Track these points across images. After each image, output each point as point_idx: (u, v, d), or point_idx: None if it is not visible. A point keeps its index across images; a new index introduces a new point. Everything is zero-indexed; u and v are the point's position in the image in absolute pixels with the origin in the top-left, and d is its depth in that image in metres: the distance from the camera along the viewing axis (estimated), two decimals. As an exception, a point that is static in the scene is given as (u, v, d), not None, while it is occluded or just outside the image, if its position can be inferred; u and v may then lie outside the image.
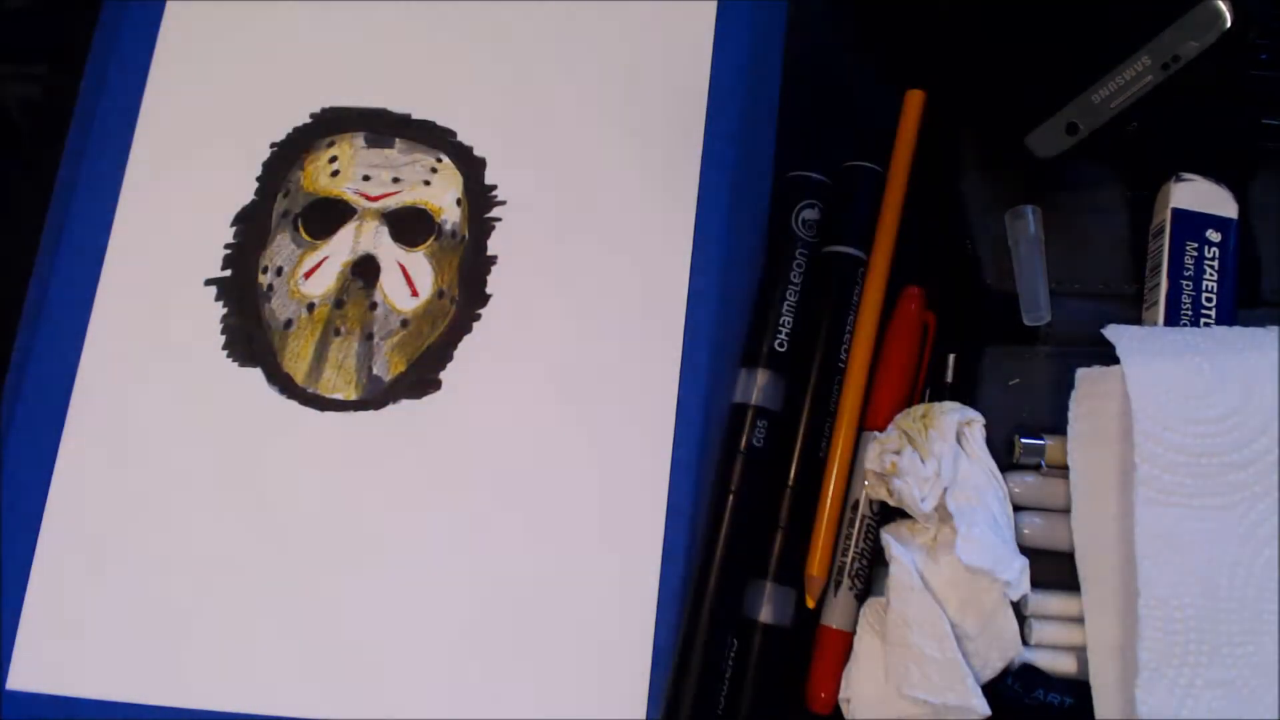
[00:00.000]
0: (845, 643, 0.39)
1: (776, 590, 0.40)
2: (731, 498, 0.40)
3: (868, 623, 0.39)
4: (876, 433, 0.40)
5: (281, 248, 0.45)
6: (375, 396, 0.43)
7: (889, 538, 0.38)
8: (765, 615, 0.40)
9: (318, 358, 0.44)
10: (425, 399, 0.43)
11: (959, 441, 0.38)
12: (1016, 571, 0.37)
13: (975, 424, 0.38)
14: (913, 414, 0.39)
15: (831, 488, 0.40)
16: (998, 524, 0.37)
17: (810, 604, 0.40)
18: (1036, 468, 0.39)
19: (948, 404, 0.39)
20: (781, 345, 0.42)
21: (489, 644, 0.40)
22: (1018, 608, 0.37)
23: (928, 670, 0.36)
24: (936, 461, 0.37)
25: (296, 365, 0.44)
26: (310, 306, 0.44)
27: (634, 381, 0.43)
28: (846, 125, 0.46)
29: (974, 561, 0.36)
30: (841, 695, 0.39)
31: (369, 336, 0.44)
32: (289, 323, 0.44)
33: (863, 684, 0.38)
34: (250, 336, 0.44)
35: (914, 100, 0.44)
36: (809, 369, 0.41)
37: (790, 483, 0.40)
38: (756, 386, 0.41)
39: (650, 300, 0.44)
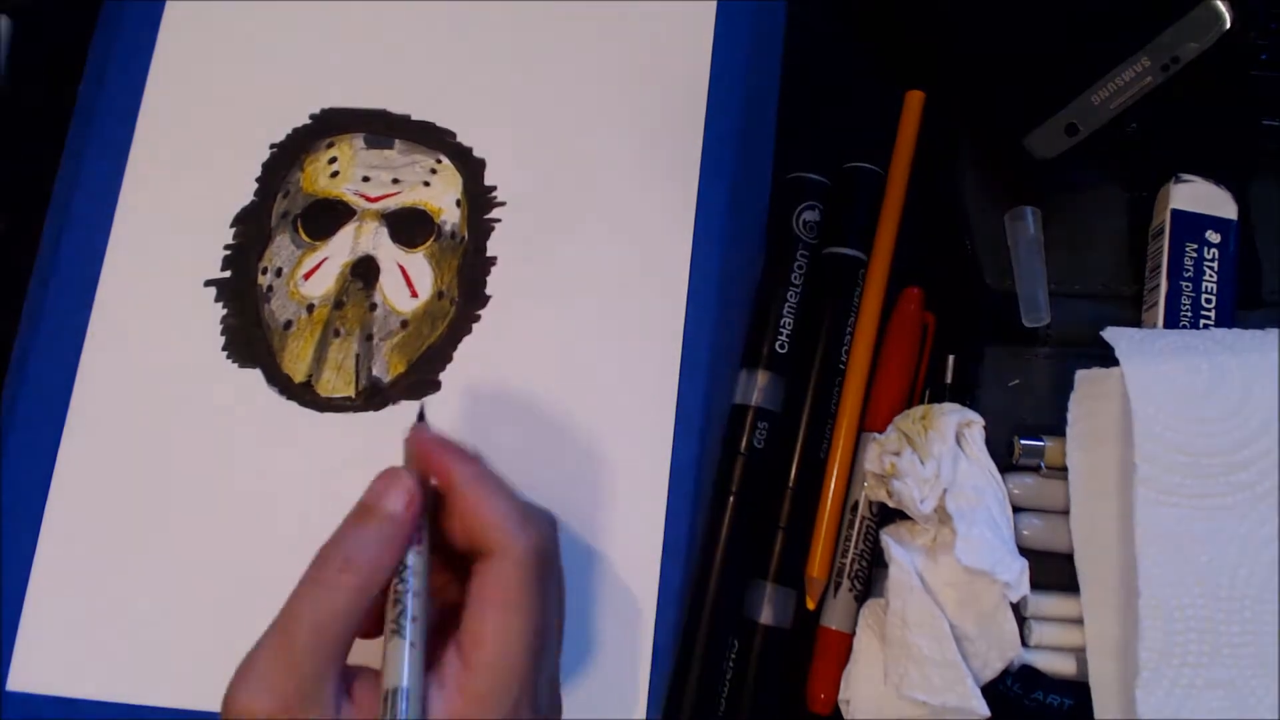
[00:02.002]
0: (845, 644, 0.39)
1: (777, 591, 0.40)
2: (732, 499, 0.40)
3: (867, 624, 0.39)
4: (876, 434, 0.40)
5: (281, 249, 0.45)
6: (375, 398, 0.43)
7: (888, 539, 0.38)
8: (765, 616, 0.40)
9: (317, 359, 0.44)
10: (425, 400, 0.43)
11: (958, 443, 0.38)
12: (1015, 573, 0.37)
13: (975, 425, 0.38)
14: (912, 415, 0.39)
15: (831, 489, 0.40)
16: (997, 525, 0.37)
17: (811, 605, 0.40)
18: (1036, 469, 0.39)
19: (947, 405, 0.39)
20: (782, 346, 0.42)
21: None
22: (1017, 609, 0.37)
23: (927, 671, 0.36)
24: (936, 463, 0.37)
25: (296, 366, 0.44)
26: (310, 307, 0.44)
27: (634, 382, 0.43)
28: (846, 125, 0.46)
29: (973, 562, 0.36)
30: (841, 696, 0.39)
31: (369, 337, 0.44)
32: (289, 323, 0.44)
33: (862, 685, 0.38)
34: (250, 337, 0.44)
35: (914, 101, 0.44)
36: (809, 370, 0.41)
37: (791, 484, 0.40)
38: (757, 388, 0.41)
39: (650, 301, 0.44)
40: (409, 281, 0.45)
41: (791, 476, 0.41)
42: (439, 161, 0.46)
